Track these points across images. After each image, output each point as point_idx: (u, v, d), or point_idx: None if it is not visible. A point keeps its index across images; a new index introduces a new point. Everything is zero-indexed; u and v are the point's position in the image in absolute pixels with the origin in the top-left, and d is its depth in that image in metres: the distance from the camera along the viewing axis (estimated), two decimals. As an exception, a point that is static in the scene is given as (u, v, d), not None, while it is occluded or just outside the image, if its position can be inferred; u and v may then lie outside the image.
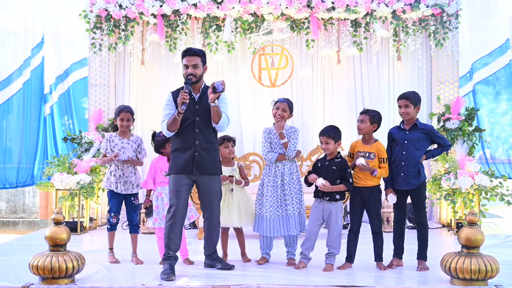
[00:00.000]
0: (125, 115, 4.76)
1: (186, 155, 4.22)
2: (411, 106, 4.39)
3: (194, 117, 4.24)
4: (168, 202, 4.58)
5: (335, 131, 4.46)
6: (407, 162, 4.37)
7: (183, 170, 4.23)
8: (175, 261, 4.25)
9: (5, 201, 8.42)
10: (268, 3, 6.80)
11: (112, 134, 4.83)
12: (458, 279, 3.76)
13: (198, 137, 4.24)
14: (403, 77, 7.53)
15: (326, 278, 4.07)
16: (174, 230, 4.22)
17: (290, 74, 7.33)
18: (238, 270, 4.39)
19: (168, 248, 4.23)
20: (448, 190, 6.18)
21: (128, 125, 4.79)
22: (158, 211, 4.63)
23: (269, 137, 4.61)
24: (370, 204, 4.45)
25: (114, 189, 4.72)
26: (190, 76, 4.24)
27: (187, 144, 4.23)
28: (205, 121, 4.26)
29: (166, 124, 4.23)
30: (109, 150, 4.76)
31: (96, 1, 6.96)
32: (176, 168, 4.25)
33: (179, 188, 4.23)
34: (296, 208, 4.56)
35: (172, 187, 4.26)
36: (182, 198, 4.24)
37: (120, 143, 4.77)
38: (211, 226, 4.43)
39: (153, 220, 4.65)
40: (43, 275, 3.75)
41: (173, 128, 4.21)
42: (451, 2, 6.82)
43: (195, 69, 4.28)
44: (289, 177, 4.58)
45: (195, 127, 4.24)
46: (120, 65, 7.65)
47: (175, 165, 4.27)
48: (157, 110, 7.52)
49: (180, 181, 4.23)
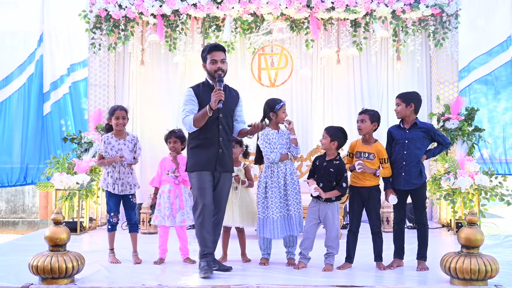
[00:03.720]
0: (120, 113, 4.70)
1: (209, 152, 4.16)
2: (402, 104, 4.39)
3: (218, 113, 4.15)
4: (167, 201, 4.60)
5: (335, 131, 4.45)
6: (408, 161, 4.37)
7: (207, 167, 4.17)
8: (211, 257, 4.21)
9: (5, 201, 8.42)
10: (268, 3, 6.79)
11: (108, 135, 4.77)
12: (458, 279, 3.76)
13: (222, 134, 4.20)
14: (402, 77, 7.52)
15: (326, 278, 4.07)
16: (205, 227, 4.16)
17: (290, 74, 7.33)
18: (238, 270, 4.39)
19: (203, 246, 4.18)
20: (447, 190, 6.18)
21: (124, 123, 4.72)
22: (160, 208, 4.65)
23: (268, 138, 4.56)
24: (369, 204, 4.45)
25: (111, 190, 4.71)
26: (219, 72, 4.17)
27: (210, 140, 4.17)
28: (227, 118, 4.25)
29: (191, 119, 4.10)
30: (108, 151, 4.72)
31: (96, 1, 6.96)
32: (201, 165, 4.18)
33: (204, 185, 4.16)
34: (296, 209, 4.56)
35: (197, 185, 4.18)
36: (207, 195, 4.16)
37: (117, 145, 4.74)
38: (217, 224, 4.33)
39: (154, 217, 4.68)
40: (43, 275, 3.75)
41: (200, 124, 4.11)
42: (451, 2, 6.82)
43: (223, 64, 4.22)
44: (291, 178, 4.58)
45: (219, 124, 4.19)
46: (119, 65, 7.65)
47: (198, 162, 4.19)
48: (157, 110, 7.59)
49: (205, 178, 4.17)
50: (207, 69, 4.25)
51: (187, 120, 4.14)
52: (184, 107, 4.22)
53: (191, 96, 4.22)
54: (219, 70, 4.18)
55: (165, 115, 7.50)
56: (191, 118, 4.12)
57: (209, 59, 4.22)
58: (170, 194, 4.66)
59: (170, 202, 4.64)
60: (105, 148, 4.73)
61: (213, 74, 4.19)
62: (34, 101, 7.58)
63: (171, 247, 4.79)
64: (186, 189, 4.72)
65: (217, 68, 4.18)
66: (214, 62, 4.20)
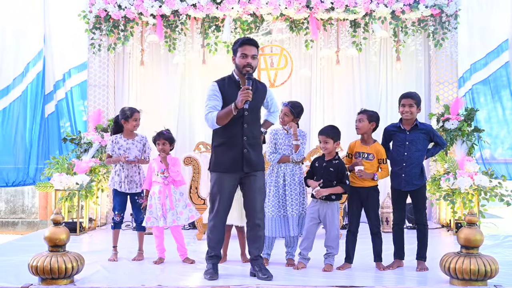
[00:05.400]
0: (138, 115, 4.93)
1: (233, 152, 3.99)
2: (415, 106, 4.39)
3: (243, 111, 3.93)
4: (158, 202, 4.60)
5: (334, 130, 4.46)
6: (408, 163, 4.37)
7: (231, 168, 4.01)
8: (218, 259, 4.18)
9: (4, 201, 8.41)
10: (267, 4, 6.80)
11: (117, 135, 4.94)
12: (457, 279, 3.76)
13: (246, 133, 4.00)
14: (402, 78, 7.52)
15: (325, 279, 4.07)
16: (216, 229, 4.09)
17: (289, 74, 7.33)
18: (237, 270, 4.39)
19: (210, 248, 4.14)
20: (447, 190, 6.18)
21: (139, 125, 4.95)
22: (152, 210, 4.67)
23: (275, 138, 4.62)
24: (368, 205, 4.45)
25: (118, 189, 4.86)
26: (248, 68, 3.96)
27: (233, 139, 3.99)
28: (253, 115, 4.05)
29: (214, 116, 3.93)
30: (115, 151, 4.90)
31: (95, 2, 6.96)
32: (223, 167, 4.03)
33: (223, 189, 4.03)
34: (295, 210, 4.55)
35: (216, 188, 4.06)
36: (225, 200, 4.04)
37: (125, 144, 4.90)
38: (254, 226, 4.14)
39: (146, 219, 4.70)
40: (43, 276, 3.75)
41: (223, 122, 3.93)
42: (450, 3, 6.82)
43: (253, 60, 4.00)
44: (291, 178, 4.58)
45: (243, 122, 3.99)
46: (119, 65, 7.65)
47: (220, 163, 4.04)
48: (157, 111, 7.57)
49: (225, 182, 4.03)
50: (236, 62, 4.04)
51: (210, 116, 3.95)
52: (207, 102, 4.02)
53: (215, 91, 4.03)
54: (248, 66, 3.96)
55: (164, 115, 7.50)
56: (214, 115, 3.94)
57: (239, 53, 4.00)
58: (160, 195, 4.66)
59: (160, 203, 4.65)
60: (112, 147, 4.91)
61: (241, 69, 3.99)
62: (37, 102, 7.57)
63: (170, 247, 4.80)
64: (176, 190, 4.72)
65: (246, 63, 3.96)
66: (244, 56, 3.98)
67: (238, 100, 3.82)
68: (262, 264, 4.15)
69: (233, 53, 4.09)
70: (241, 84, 4.01)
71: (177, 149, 7.03)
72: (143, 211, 4.76)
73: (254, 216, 4.12)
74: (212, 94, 4.03)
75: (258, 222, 4.13)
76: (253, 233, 4.15)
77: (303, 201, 4.63)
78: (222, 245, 4.30)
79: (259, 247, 4.17)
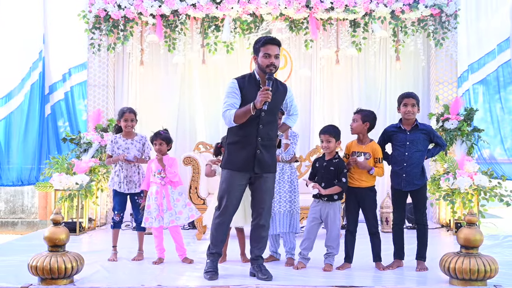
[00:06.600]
0: (129, 116, 4.91)
1: (246, 151, 3.95)
2: (416, 106, 4.40)
3: (260, 111, 3.87)
4: (155, 202, 4.60)
5: (336, 130, 4.46)
6: (409, 163, 4.36)
7: (242, 167, 3.98)
8: (218, 257, 4.17)
9: (4, 201, 8.41)
10: (267, 3, 6.79)
11: (117, 135, 4.97)
12: (457, 279, 3.76)
13: (261, 134, 3.95)
14: (402, 77, 7.53)
15: (325, 278, 4.07)
16: (220, 228, 4.09)
17: (289, 74, 7.32)
18: (237, 270, 4.39)
19: (213, 245, 4.13)
20: (447, 190, 6.18)
21: (132, 125, 4.94)
22: (150, 210, 4.67)
23: None
24: (365, 205, 4.45)
25: (118, 189, 4.88)
26: (271, 67, 3.90)
27: (247, 139, 3.94)
28: (269, 116, 3.98)
29: (232, 114, 3.88)
30: (115, 150, 4.93)
31: (95, 1, 6.95)
32: (235, 165, 3.99)
33: (232, 188, 4.00)
34: (282, 207, 4.56)
35: (225, 185, 4.03)
36: (233, 198, 4.02)
37: (124, 144, 4.93)
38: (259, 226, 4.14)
39: (144, 219, 4.70)
40: (42, 276, 3.74)
41: (241, 121, 3.88)
42: (450, 2, 6.82)
43: (276, 60, 3.94)
44: (280, 176, 4.59)
45: (259, 122, 3.93)
46: (119, 65, 7.65)
47: (232, 161, 4.01)
48: (156, 111, 7.58)
49: (235, 180, 4.00)
50: (258, 62, 3.97)
51: (228, 114, 3.90)
52: (226, 99, 3.96)
53: (235, 88, 3.96)
54: (272, 65, 3.90)
55: (164, 115, 7.50)
56: (232, 113, 3.88)
57: (262, 52, 3.93)
58: (157, 195, 4.66)
59: (157, 203, 4.64)
60: (112, 147, 4.94)
61: (264, 69, 3.92)
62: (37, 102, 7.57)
63: (169, 247, 4.80)
64: (174, 190, 4.72)
65: (269, 63, 3.90)
66: (267, 56, 3.91)
67: (258, 100, 3.77)
68: (262, 264, 4.15)
69: (255, 52, 4.03)
70: (261, 84, 3.97)
71: (177, 149, 7.04)
72: (141, 211, 4.76)
73: (260, 217, 4.12)
74: (231, 91, 3.97)
75: (263, 223, 4.13)
76: (257, 233, 4.16)
77: (294, 199, 4.64)
78: (224, 243, 4.31)
79: (262, 247, 4.18)
